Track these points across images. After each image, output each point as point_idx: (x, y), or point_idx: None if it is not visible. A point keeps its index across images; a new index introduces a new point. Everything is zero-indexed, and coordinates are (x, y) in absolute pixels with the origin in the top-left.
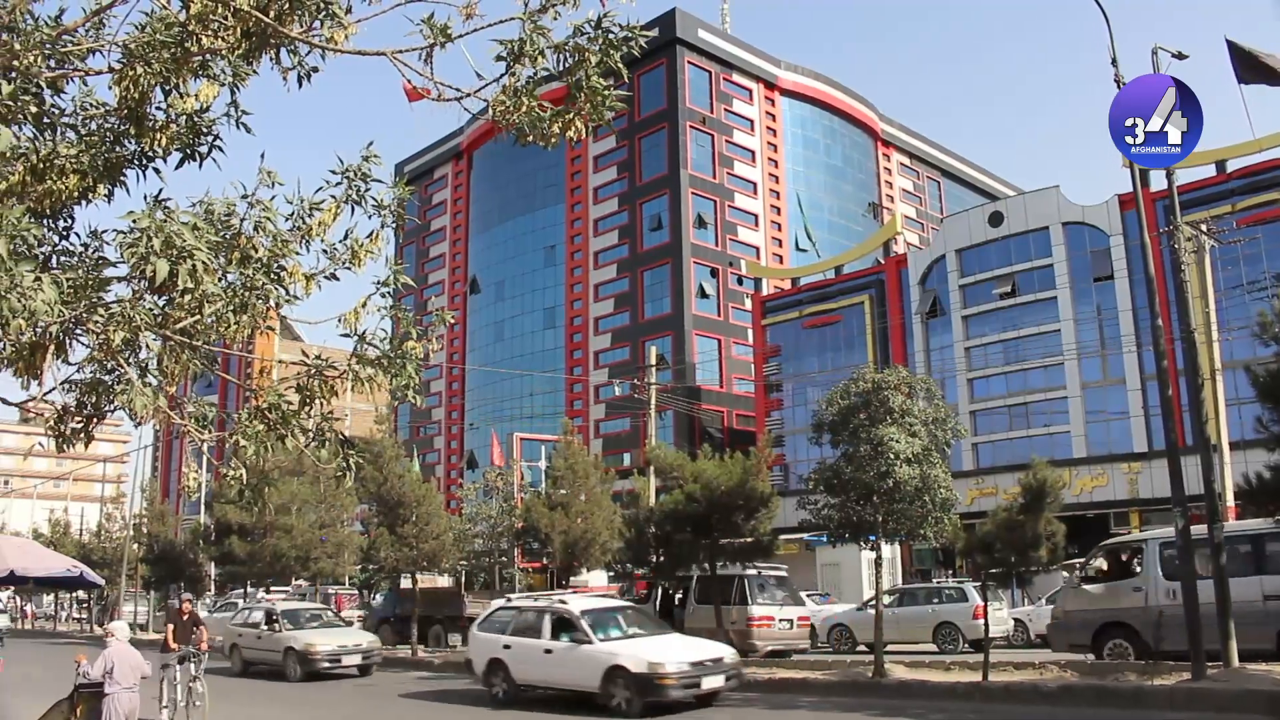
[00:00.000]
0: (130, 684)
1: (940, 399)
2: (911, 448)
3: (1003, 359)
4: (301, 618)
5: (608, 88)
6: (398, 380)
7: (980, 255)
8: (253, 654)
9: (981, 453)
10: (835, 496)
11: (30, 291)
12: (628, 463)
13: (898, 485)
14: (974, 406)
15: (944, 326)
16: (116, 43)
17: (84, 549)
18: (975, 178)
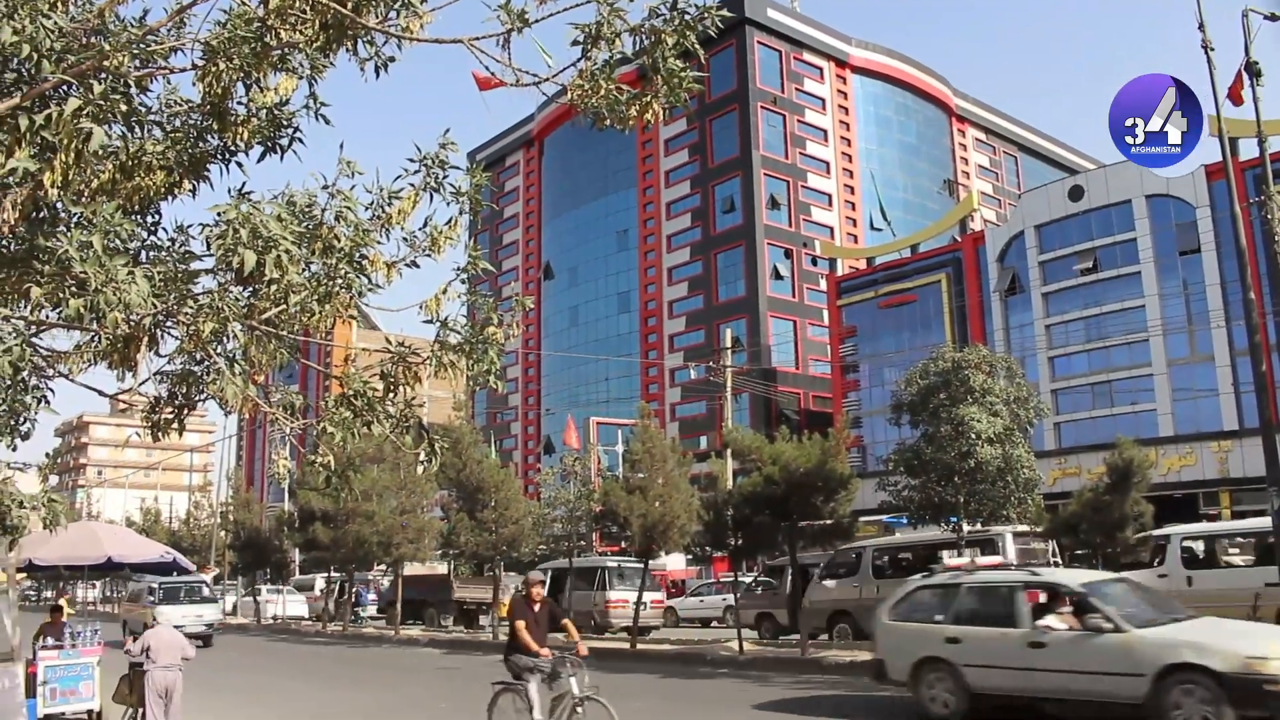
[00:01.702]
0: (167, 663)
1: (1021, 378)
2: (993, 427)
3: (1084, 336)
4: None
5: (684, 69)
6: (479, 366)
7: (1060, 231)
8: None
9: (1064, 432)
10: (916, 477)
11: (125, 285)
12: (704, 446)
13: (979, 466)
14: (1055, 385)
15: (1023, 304)
16: (199, 40)
17: (174, 536)
18: (1053, 151)
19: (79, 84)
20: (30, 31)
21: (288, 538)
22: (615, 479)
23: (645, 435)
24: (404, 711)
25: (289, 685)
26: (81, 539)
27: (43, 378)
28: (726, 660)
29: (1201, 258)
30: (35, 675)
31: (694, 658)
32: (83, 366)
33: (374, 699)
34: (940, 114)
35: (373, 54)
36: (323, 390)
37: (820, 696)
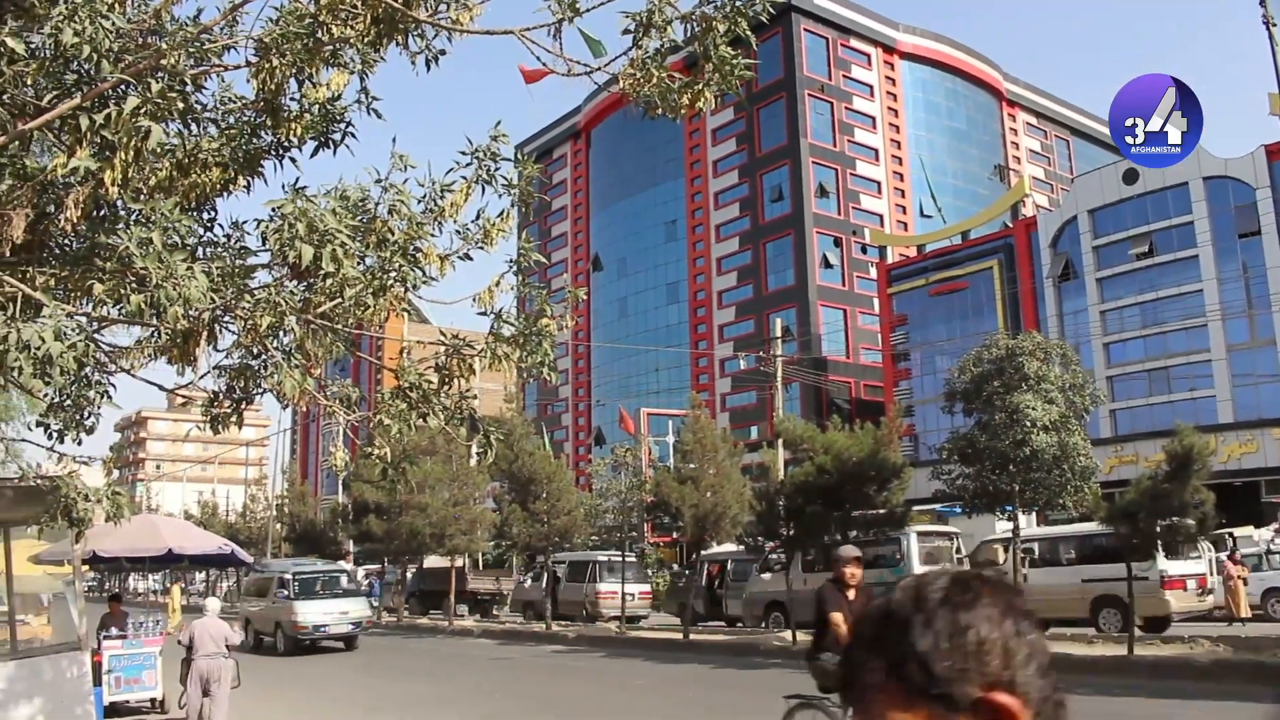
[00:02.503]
0: (210, 652)
1: (1077, 364)
2: (1048, 415)
3: (1140, 322)
4: None
5: (735, 56)
6: (533, 357)
7: (1115, 215)
8: None
9: (1120, 419)
10: (970, 466)
11: (184, 281)
12: (755, 436)
13: (1035, 454)
14: (1111, 372)
15: (1077, 290)
16: (251, 37)
17: (231, 529)
18: (1107, 135)
19: (137, 83)
20: (90, 32)
21: (342, 530)
22: (667, 470)
23: (696, 426)
24: (461, 701)
25: (348, 676)
26: (143, 531)
27: (104, 373)
28: (779, 651)
29: (1261, 240)
30: (100, 664)
31: (746, 649)
32: (143, 362)
33: (433, 690)
34: (990, 98)
35: (423, 47)
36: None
37: None
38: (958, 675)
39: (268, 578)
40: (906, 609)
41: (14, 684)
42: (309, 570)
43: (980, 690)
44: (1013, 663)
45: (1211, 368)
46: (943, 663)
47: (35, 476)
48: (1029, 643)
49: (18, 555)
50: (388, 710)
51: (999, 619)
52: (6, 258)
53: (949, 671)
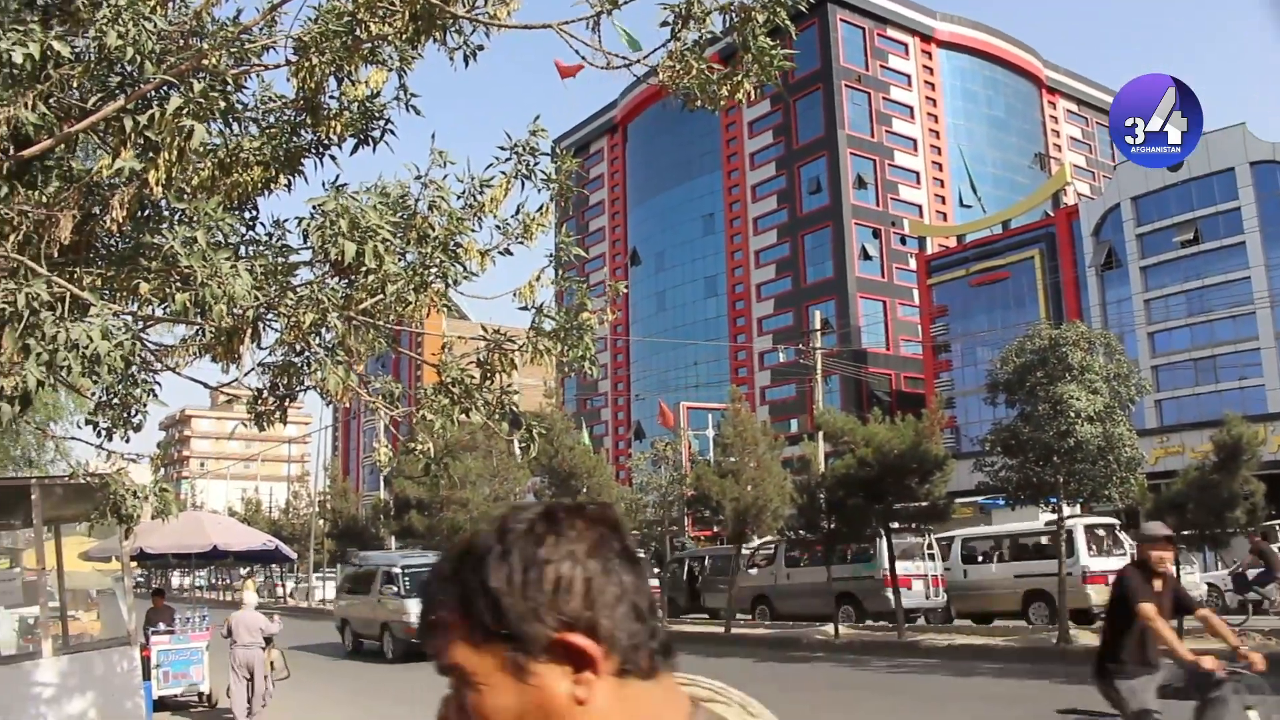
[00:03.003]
0: (247, 642)
1: (1121, 354)
2: (1093, 405)
3: (1186, 310)
4: None
5: (774, 47)
6: (574, 351)
7: (1158, 202)
8: None
9: (1165, 409)
10: (1013, 458)
11: (228, 279)
12: (795, 429)
13: (1079, 445)
14: (1156, 361)
15: (1120, 279)
16: (291, 36)
17: (275, 525)
18: None
19: (179, 84)
20: (133, 35)
21: (384, 525)
22: (707, 463)
23: (736, 419)
24: None
25: (397, 675)
26: (188, 528)
27: (150, 372)
28: (822, 644)
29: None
30: (149, 659)
31: (788, 642)
32: (188, 360)
33: None
34: (1030, 86)
35: (461, 43)
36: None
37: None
38: (529, 614)
39: (368, 572)
40: (487, 542)
41: (66, 678)
42: (421, 564)
43: (556, 631)
44: (596, 603)
45: (1260, 356)
46: (514, 600)
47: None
48: (621, 582)
49: (67, 552)
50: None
51: (585, 555)
52: (55, 259)
53: (520, 609)
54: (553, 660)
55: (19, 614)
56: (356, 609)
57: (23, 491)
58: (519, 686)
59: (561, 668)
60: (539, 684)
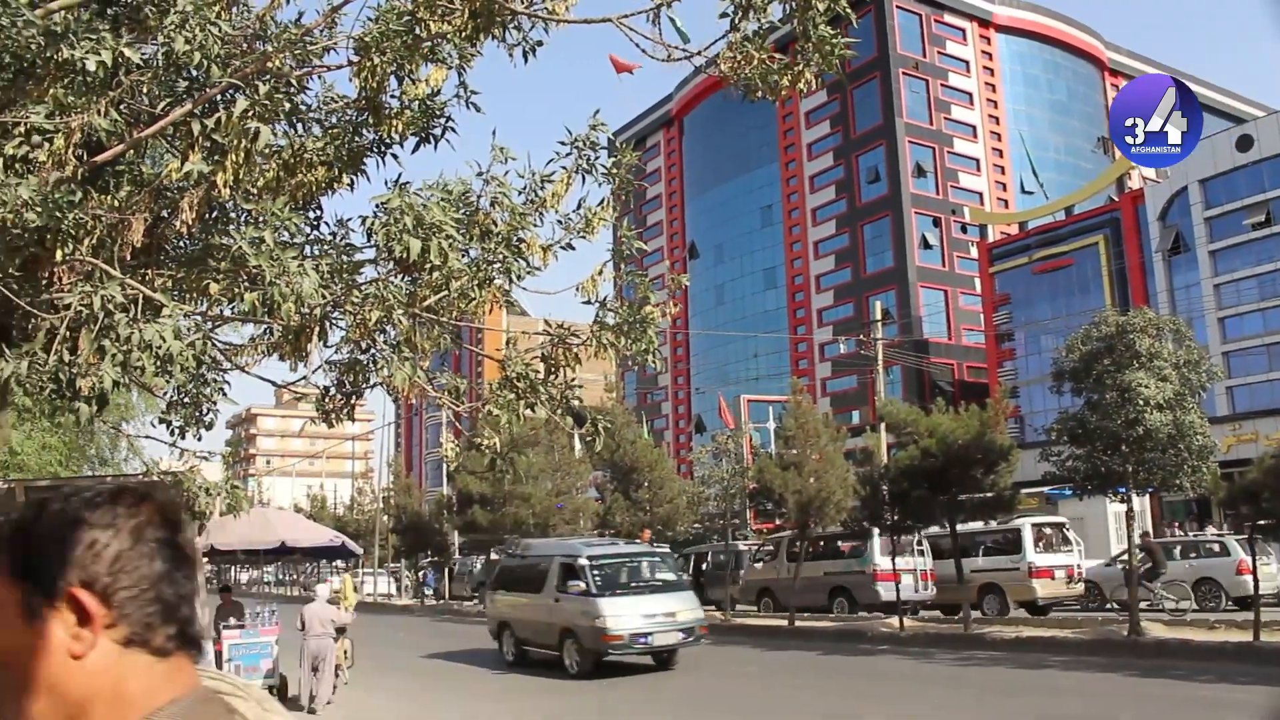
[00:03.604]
0: (318, 633)
1: (1191, 340)
2: (1162, 393)
3: (1258, 294)
4: None
5: (835, 35)
6: (637, 345)
7: (1227, 184)
8: None
9: (1237, 396)
10: (1080, 447)
11: (296, 277)
12: (857, 420)
13: (1149, 433)
14: (1227, 347)
15: (1189, 263)
16: (351, 37)
17: (340, 522)
18: (1218, 100)
19: (245, 87)
20: (200, 40)
21: (447, 521)
22: (769, 456)
23: (798, 411)
24: (571, 689)
25: (459, 666)
26: (257, 525)
27: (219, 371)
28: (886, 637)
29: None
30: (221, 653)
31: (853, 634)
32: (256, 359)
33: (538, 677)
34: (1092, 69)
35: (520, 39)
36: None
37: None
38: (55, 563)
39: (535, 565)
40: (53, 498)
41: None
42: (611, 554)
43: (71, 586)
44: (119, 575)
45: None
46: (47, 546)
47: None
48: (153, 567)
49: None
50: (499, 697)
51: (127, 533)
52: (127, 261)
53: (48, 555)
54: (62, 611)
55: None
56: (522, 611)
57: None
58: (25, 626)
59: (67, 619)
60: (42, 628)
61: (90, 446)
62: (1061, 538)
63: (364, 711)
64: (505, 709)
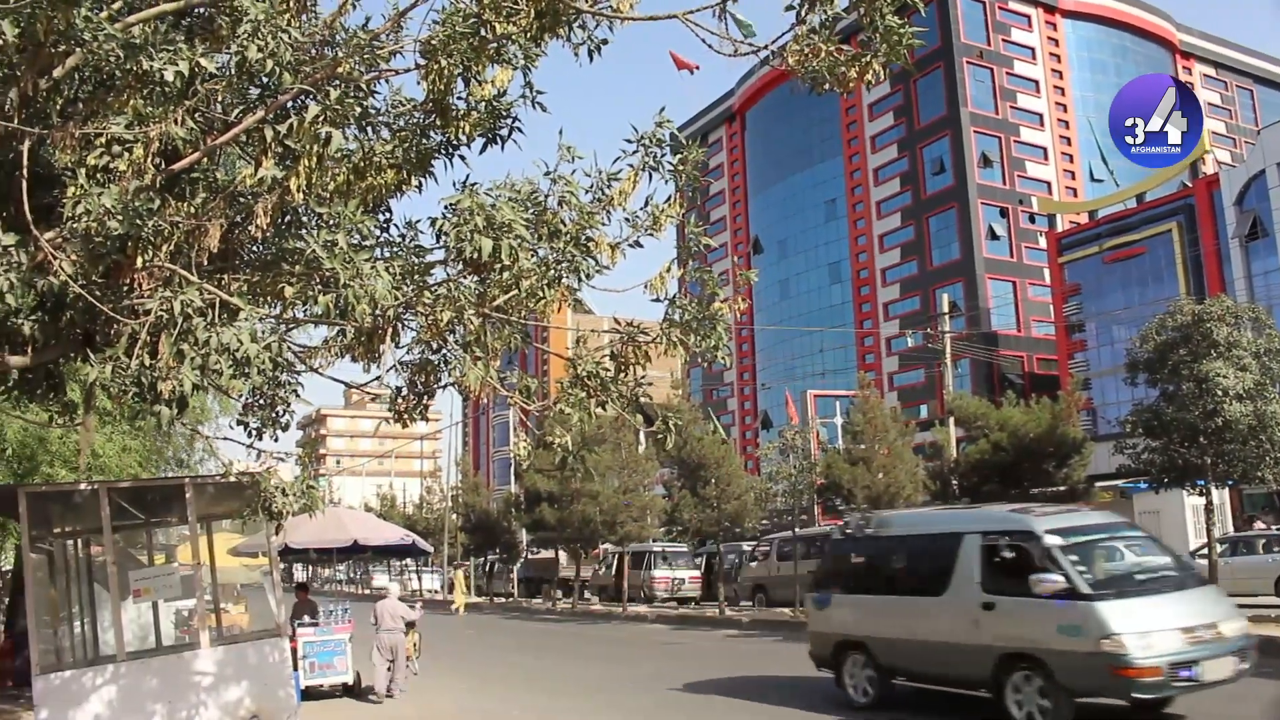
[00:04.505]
0: (390, 627)
1: (1271, 328)
2: (1241, 383)
3: None
4: None
5: (902, 25)
6: (707, 342)
7: None
8: None
9: None
10: (1156, 439)
11: (370, 279)
12: (925, 414)
13: (1228, 424)
14: None
15: (1267, 249)
16: (418, 40)
17: (409, 520)
18: None
19: (316, 92)
20: (272, 47)
21: (515, 519)
22: (837, 451)
23: (865, 406)
24: (634, 687)
25: (528, 663)
26: (330, 524)
27: (293, 373)
28: None
29: None
30: (296, 650)
31: None
32: (330, 360)
33: (605, 673)
34: (1163, 52)
35: (586, 38)
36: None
37: None
38: None
39: (921, 548)
40: None
41: (223, 667)
42: (1089, 526)
43: None
44: None
45: None
46: None
47: (237, 473)
48: None
49: (216, 548)
50: (571, 694)
51: None
52: (204, 266)
53: None
54: None
55: (175, 607)
56: (897, 623)
57: (177, 490)
58: None
59: None
60: None
61: (168, 448)
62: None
63: None
64: None
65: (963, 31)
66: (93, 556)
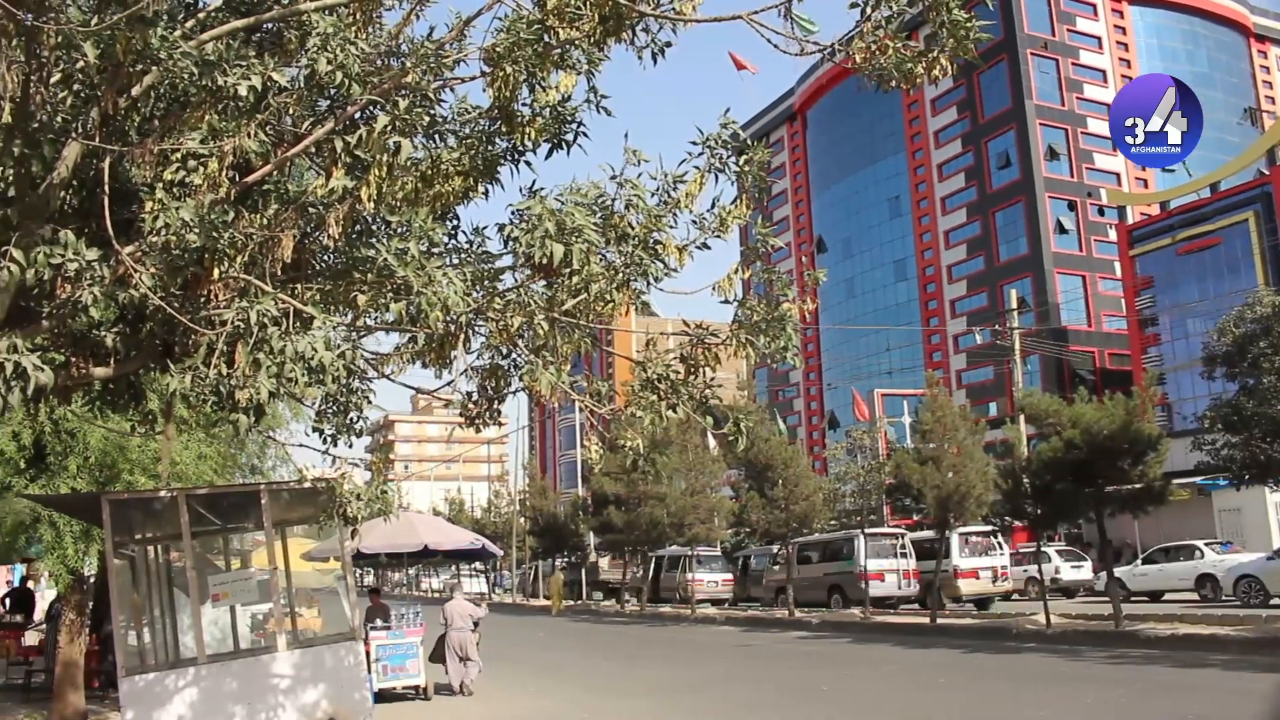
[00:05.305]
0: (459, 626)
1: None
2: None
3: None
4: None
5: (969, 19)
6: (776, 343)
7: None
8: None
9: None
10: (1236, 435)
11: (443, 286)
12: (994, 412)
13: None
14: None
15: None
16: (481, 48)
17: (478, 524)
18: None
19: (384, 103)
20: (341, 59)
21: (583, 522)
22: (906, 451)
23: (934, 404)
24: (710, 687)
25: (597, 665)
26: (401, 528)
27: (364, 379)
28: (1033, 634)
29: None
30: (369, 653)
31: (997, 631)
32: (401, 367)
33: (674, 675)
34: (1235, 36)
35: (649, 41)
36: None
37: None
38: None
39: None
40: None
41: (300, 670)
42: None
43: None
44: None
45: None
46: None
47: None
48: None
49: (290, 553)
50: (639, 695)
51: None
52: (278, 276)
53: None
54: None
55: (250, 611)
56: None
57: (253, 496)
58: None
59: None
60: None
61: (240, 455)
62: (986, 544)
63: None
64: None
65: (1026, 23)
66: (171, 561)
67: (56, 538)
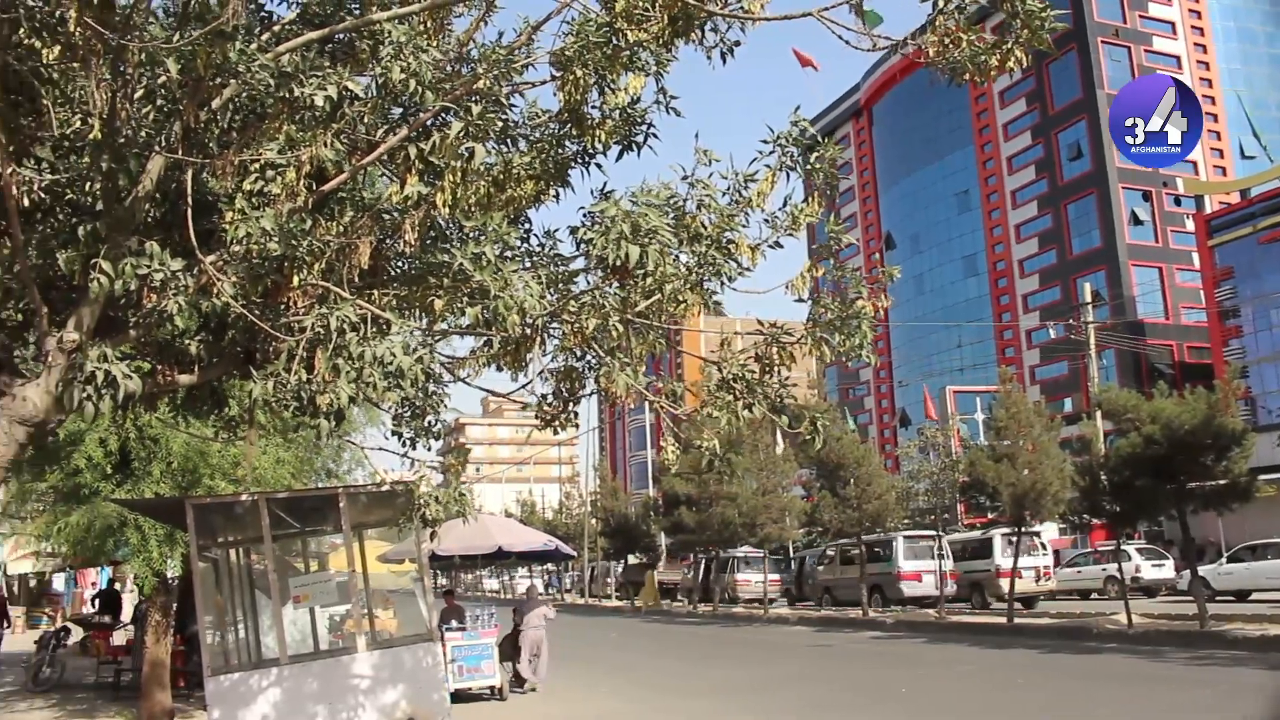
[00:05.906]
0: (536, 625)
1: None
2: None
3: None
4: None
5: (1044, 8)
6: (851, 341)
7: None
8: None
9: None
10: None
11: (519, 289)
12: (1069, 408)
13: None
14: None
15: None
16: (550, 52)
17: (549, 525)
18: None
19: (457, 109)
20: (414, 67)
21: (654, 522)
22: (980, 448)
23: (1008, 401)
24: (783, 687)
25: (669, 665)
26: (476, 530)
27: (440, 383)
28: (1114, 634)
29: None
30: (445, 654)
31: (1077, 632)
32: (476, 370)
33: (748, 675)
34: None
35: (718, 40)
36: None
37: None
38: None
39: None
40: None
41: (379, 671)
42: None
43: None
44: None
45: None
46: None
47: (391, 482)
48: None
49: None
50: (713, 695)
51: None
52: (355, 283)
53: None
54: None
55: (329, 612)
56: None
57: (332, 499)
58: None
59: None
60: None
61: (317, 459)
62: (1030, 544)
63: None
64: None
65: (1096, 10)
66: (252, 564)
67: (142, 541)
